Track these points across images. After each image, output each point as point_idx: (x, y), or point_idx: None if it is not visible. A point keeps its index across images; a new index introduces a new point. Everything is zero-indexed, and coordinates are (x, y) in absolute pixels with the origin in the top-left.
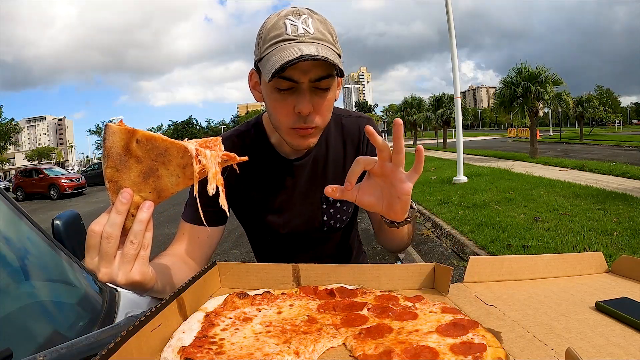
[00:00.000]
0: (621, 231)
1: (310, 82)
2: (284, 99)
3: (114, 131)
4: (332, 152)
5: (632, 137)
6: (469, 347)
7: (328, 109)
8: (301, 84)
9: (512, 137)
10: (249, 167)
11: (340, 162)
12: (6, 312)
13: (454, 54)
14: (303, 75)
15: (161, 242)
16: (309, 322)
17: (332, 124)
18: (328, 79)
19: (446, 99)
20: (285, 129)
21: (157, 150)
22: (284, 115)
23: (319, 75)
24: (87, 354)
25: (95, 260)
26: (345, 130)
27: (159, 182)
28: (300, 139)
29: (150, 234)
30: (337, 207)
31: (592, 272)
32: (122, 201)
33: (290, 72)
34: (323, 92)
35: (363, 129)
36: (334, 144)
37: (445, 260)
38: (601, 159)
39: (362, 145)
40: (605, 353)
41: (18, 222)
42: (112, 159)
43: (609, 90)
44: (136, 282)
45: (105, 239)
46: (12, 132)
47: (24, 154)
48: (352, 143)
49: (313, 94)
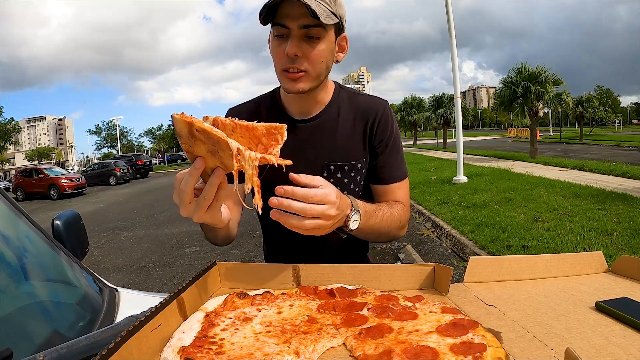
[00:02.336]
0: (621, 231)
1: (300, 29)
2: (280, 45)
3: (177, 120)
4: (340, 123)
5: (632, 137)
6: (469, 347)
7: (318, 57)
8: (292, 30)
9: (512, 137)
10: None
11: (347, 134)
12: (6, 312)
13: (454, 54)
14: (291, 21)
15: (161, 242)
16: (309, 322)
17: (346, 98)
18: (317, 28)
19: (446, 99)
20: (279, 72)
21: (212, 140)
22: (278, 58)
23: (306, 22)
24: (87, 354)
25: (177, 200)
26: (358, 106)
27: (223, 160)
28: (290, 82)
29: (224, 192)
30: (337, 178)
31: (592, 272)
32: (196, 166)
33: (281, 18)
34: (313, 40)
35: (377, 110)
36: (344, 116)
37: (445, 260)
38: (601, 159)
39: (373, 125)
40: (605, 353)
41: (18, 222)
42: (183, 139)
43: (609, 90)
44: (207, 222)
45: (181, 191)
46: (12, 131)
47: (24, 154)
48: (363, 120)
49: (302, 41)
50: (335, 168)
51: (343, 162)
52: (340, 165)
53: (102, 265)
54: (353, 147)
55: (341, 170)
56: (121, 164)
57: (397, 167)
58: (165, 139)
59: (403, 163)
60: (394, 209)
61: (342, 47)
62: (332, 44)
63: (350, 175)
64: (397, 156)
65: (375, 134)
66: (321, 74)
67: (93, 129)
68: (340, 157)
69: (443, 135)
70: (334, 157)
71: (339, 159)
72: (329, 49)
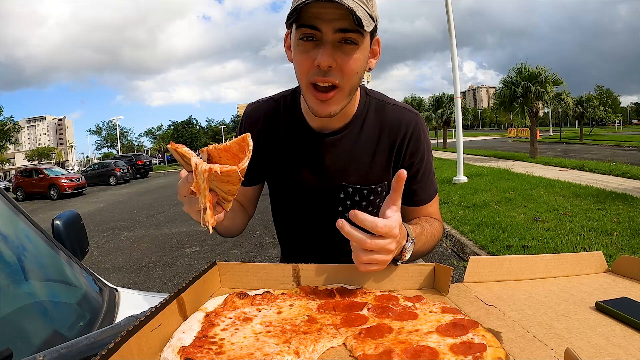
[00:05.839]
0: (621, 231)
1: (335, 33)
2: (307, 51)
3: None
4: (364, 140)
5: (632, 137)
6: (469, 347)
7: (353, 69)
8: (324, 35)
9: (512, 137)
10: (278, 134)
11: (368, 155)
12: (6, 312)
13: (454, 53)
14: (325, 24)
15: (161, 242)
16: (309, 322)
17: (373, 107)
18: (355, 33)
19: (446, 99)
20: (305, 85)
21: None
22: (305, 68)
23: (343, 25)
24: (87, 354)
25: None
26: (385, 118)
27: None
28: (320, 105)
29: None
30: (355, 201)
31: (592, 272)
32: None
33: (312, 19)
34: (349, 47)
35: (406, 123)
36: (368, 132)
37: (445, 260)
38: (601, 159)
39: (402, 144)
40: (605, 353)
41: (18, 222)
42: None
43: (609, 90)
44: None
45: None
46: (12, 131)
47: (24, 154)
48: (390, 134)
49: (337, 48)
50: (353, 191)
51: (363, 185)
52: (360, 189)
53: (102, 265)
54: (375, 169)
55: (360, 193)
56: (121, 164)
57: (429, 186)
58: (165, 139)
59: (434, 179)
60: (433, 228)
61: (375, 52)
62: (367, 51)
63: (369, 199)
64: (429, 176)
65: (405, 155)
66: (354, 88)
67: (93, 129)
68: (360, 179)
69: (443, 135)
70: (352, 179)
71: (358, 182)
72: (365, 57)
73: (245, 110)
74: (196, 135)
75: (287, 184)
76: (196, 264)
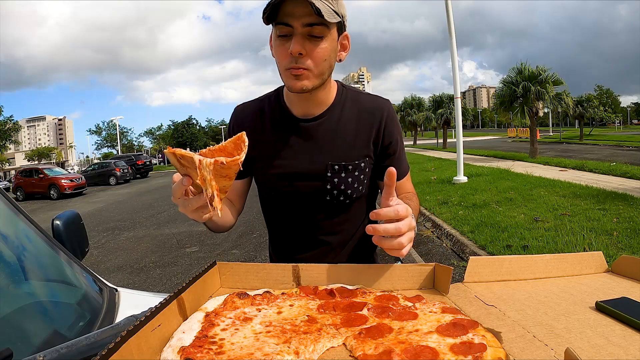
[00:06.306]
0: (621, 231)
1: (304, 27)
2: (283, 44)
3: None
4: (343, 122)
5: (632, 137)
6: (469, 347)
7: (321, 56)
8: (295, 29)
9: (512, 137)
10: (264, 128)
11: (351, 134)
12: (6, 312)
13: (454, 53)
14: (294, 19)
15: (161, 242)
16: (309, 322)
17: (350, 97)
18: (320, 27)
19: (446, 99)
20: (283, 71)
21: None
22: (282, 57)
23: (311, 20)
24: (87, 354)
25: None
26: (362, 106)
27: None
28: (293, 80)
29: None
30: (341, 177)
31: (592, 272)
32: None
33: (284, 17)
34: (316, 39)
35: (381, 108)
36: (347, 116)
37: (445, 260)
38: (601, 159)
39: (380, 126)
40: (605, 353)
41: (18, 222)
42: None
43: (609, 90)
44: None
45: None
46: (12, 130)
47: (24, 154)
48: (369, 117)
49: (306, 40)
50: (339, 168)
51: (347, 161)
52: (345, 165)
53: (102, 265)
54: (357, 146)
55: (345, 169)
56: (121, 164)
57: (403, 162)
58: (165, 139)
59: (406, 157)
60: (413, 202)
61: (344, 45)
62: (334, 43)
63: (354, 174)
64: (402, 153)
65: (384, 135)
66: (324, 73)
67: (93, 129)
68: (344, 156)
69: (443, 135)
70: (338, 157)
71: (343, 159)
72: (332, 47)
73: (233, 111)
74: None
75: (276, 171)
76: (196, 264)
